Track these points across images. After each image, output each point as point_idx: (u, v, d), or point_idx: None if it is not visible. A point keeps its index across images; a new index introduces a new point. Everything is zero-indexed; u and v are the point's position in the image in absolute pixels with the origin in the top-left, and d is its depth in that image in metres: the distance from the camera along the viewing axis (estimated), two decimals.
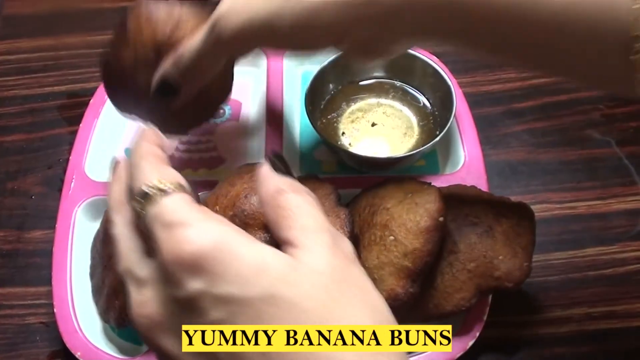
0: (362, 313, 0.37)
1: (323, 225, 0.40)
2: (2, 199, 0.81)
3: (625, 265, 0.73)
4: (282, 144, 0.79)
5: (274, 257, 0.37)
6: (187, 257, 0.36)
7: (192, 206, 0.39)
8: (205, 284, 0.36)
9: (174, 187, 0.39)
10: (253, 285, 0.35)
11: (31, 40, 0.96)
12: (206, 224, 0.37)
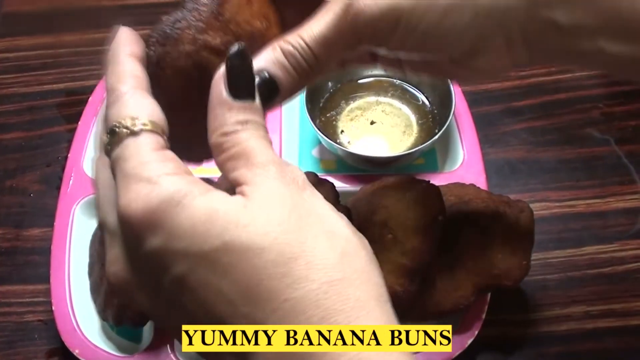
0: (322, 241, 0.36)
1: (268, 158, 0.38)
2: (1, 196, 0.81)
3: (624, 263, 0.73)
4: (281, 142, 0.79)
5: (224, 203, 0.36)
6: (138, 216, 0.35)
7: (154, 154, 0.37)
8: (162, 240, 0.35)
9: (146, 126, 0.37)
10: (206, 237, 0.35)
11: (30, 38, 0.96)
12: (162, 177, 0.36)
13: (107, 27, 0.90)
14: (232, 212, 0.35)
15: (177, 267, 0.35)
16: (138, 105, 0.38)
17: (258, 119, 0.39)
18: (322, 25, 0.42)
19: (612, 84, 0.87)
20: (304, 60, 0.43)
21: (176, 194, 0.35)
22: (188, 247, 0.35)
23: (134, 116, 0.37)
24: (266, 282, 0.34)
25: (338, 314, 0.34)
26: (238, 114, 0.39)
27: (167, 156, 0.37)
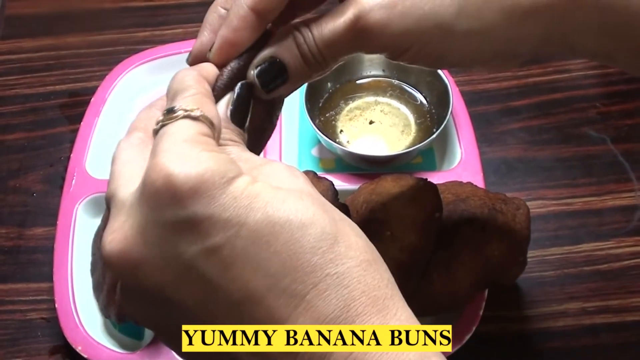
0: (348, 225, 0.37)
1: (263, 160, 0.40)
2: (4, 196, 0.82)
3: (620, 260, 0.73)
4: (280, 141, 0.80)
5: (263, 184, 0.36)
6: (183, 179, 0.34)
7: (206, 138, 0.37)
8: (204, 207, 0.34)
9: (203, 117, 0.38)
10: (249, 210, 0.34)
11: (33, 40, 0.96)
12: (213, 153, 0.36)
13: (109, 29, 0.91)
14: (269, 191, 0.35)
15: (214, 238, 0.34)
16: (202, 102, 0.39)
17: (243, 143, 0.42)
18: (331, 29, 0.42)
19: (609, 84, 0.88)
20: (312, 56, 0.43)
21: (219, 168, 0.35)
22: (231, 217, 0.34)
23: (197, 107, 0.38)
24: (309, 255, 0.34)
25: (377, 290, 0.35)
26: (232, 133, 0.41)
27: (213, 142, 0.38)
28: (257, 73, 0.43)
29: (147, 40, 0.95)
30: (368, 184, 0.68)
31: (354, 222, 0.61)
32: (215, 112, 0.40)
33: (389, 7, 0.42)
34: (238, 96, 0.42)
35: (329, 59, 0.44)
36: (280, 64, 0.43)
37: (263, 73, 0.43)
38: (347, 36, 0.42)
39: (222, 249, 0.34)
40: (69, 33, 0.97)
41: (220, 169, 0.35)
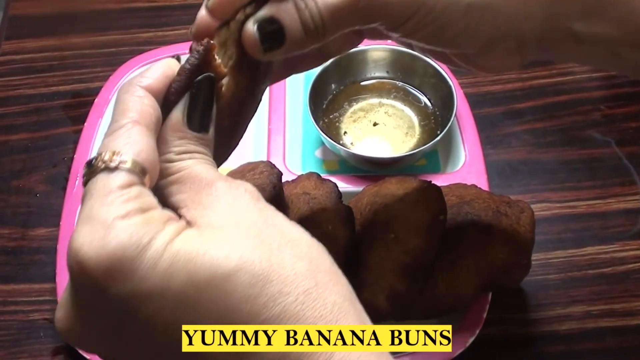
0: (287, 251, 0.35)
1: (214, 177, 0.38)
2: (7, 196, 0.82)
3: (625, 264, 0.73)
4: (284, 143, 0.80)
5: (180, 238, 0.34)
6: (91, 262, 0.33)
7: (120, 192, 0.35)
8: (121, 286, 0.33)
9: (125, 163, 0.36)
10: (170, 276, 0.33)
11: (36, 40, 0.96)
12: (117, 222, 0.34)
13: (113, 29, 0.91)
14: (190, 244, 0.34)
15: (144, 311, 0.34)
16: (128, 141, 0.37)
17: (207, 151, 0.40)
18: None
19: (613, 86, 0.88)
20: (313, 23, 0.42)
21: (131, 239, 0.34)
22: (153, 288, 0.33)
23: (116, 151, 0.36)
24: (242, 306, 0.33)
25: (319, 321, 0.34)
26: (189, 143, 0.39)
27: (133, 194, 0.35)
28: (258, 27, 0.42)
29: (151, 41, 0.95)
30: (372, 186, 0.68)
31: (357, 223, 0.62)
32: (149, 146, 0.37)
33: None
34: (194, 97, 0.40)
35: (330, 29, 0.43)
36: (278, 26, 0.42)
37: (261, 30, 0.42)
38: (353, 3, 0.42)
39: (153, 319, 0.34)
40: (73, 34, 0.97)
41: (133, 239, 0.34)
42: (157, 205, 0.36)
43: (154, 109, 0.39)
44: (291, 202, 0.64)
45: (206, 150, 0.40)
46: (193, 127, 0.39)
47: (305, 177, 0.68)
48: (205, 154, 0.40)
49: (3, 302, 0.73)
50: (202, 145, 0.40)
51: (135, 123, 0.37)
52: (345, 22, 0.43)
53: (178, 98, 0.40)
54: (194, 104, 0.40)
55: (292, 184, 0.67)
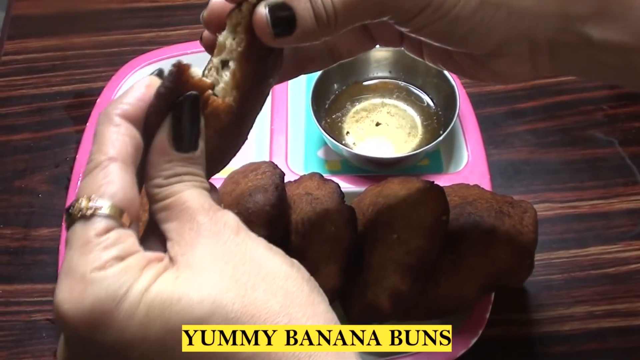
0: (262, 288, 0.36)
1: (199, 207, 0.38)
2: (10, 196, 0.82)
3: (628, 264, 0.73)
4: (286, 143, 0.80)
5: (157, 285, 0.35)
6: (72, 317, 0.35)
7: (97, 240, 0.36)
8: (101, 338, 0.35)
9: (100, 209, 0.36)
10: (147, 326, 0.35)
11: (39, 40, 0.97)
12: (94, 274, 0.35)
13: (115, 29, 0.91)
14: (166, 291, 0.35)
15: (131, 355, 0.35)
16: (104, 182, 0.37)
17: (197, 170, 0.40)
18: None
19: (616, 86, 0.88)
20: (325, 13, 0.42)
21: (108, 292, 0.35)
22: (132, 337, 0.35)
23: (92, 196, 0.36)
24: None
25: (292, 358, 0.35)
26: (177, 166, 0.39)
27: (110, 240, 0.36)
28: (270, 10, 0.41)
29: (153, 41, 0.95)
30: (374, 186, 0.68)
31: (359, 224, 0.62)
32: (125, 184, 0.37)
33: None
34: (176, 119, 0.39)
35: (342, 21, 0.42)
36: (290, 13, 0.42)
37: (272, 14, 0.41)
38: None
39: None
40: (75, 33, 0.97)
41: (110, 291, 0.35)
42: (136, 248, 0.37)
43: (131, 137, 0.38)
44: (293, 202, 0.64)
45: (195, 169, 0.40)
46: (180, 149, 0.39)
47: (308, 177, 0.68)
48: (195, 173, 0.40)
49: (5, 302, 0.74)
50: (191, 165, 0.40)
51: (111, 160, 0.37)
52: (357, 15, 0.43)
53: (160, 120, 0.39)
54: (177, 125, 0.39)
55: (295, 184, 0.67)
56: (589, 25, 0.43)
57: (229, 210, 0.39)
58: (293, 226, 0.63)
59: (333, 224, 0.61)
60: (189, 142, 0.39)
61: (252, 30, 0.42)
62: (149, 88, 0.39)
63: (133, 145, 0.38)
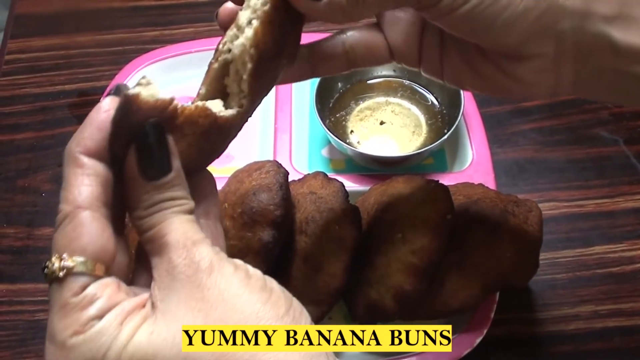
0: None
1: (175, 243, 0.38)
2: (13, 196, 0.82)
3: (633, 263, 0.73)
4: (291, 142, 0.80)
5: (134, 343, 0.36)
6: None
7: (73, 301, 0.36)
8: None
9: (73, 268, 0.36)
10: None
11: (42, 39, 0.97)
12: (72, 340, 0.35)
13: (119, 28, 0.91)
14: (143, 347, 0.36)
15: None
16: (73, 235, 0.37)
17: (175, 193, 0.39)
18: None
19: None
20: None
21: (87, 356, 0.35)
22: None
23: (64, 255, 0.37)
24: None
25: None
26: (154, 195, 0.38)
27: (87, 299, 0.36)
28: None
29: (157, 39, 0.95)
30: (379, 185, 0.68)
31: (363, 223, 0.62)
32: (95, 233, 0.37)
33: None
34: (141, 150, 0.38)
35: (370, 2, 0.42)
36: None
37: None
38: None
39: None
40: (78, 32, 0.97)
41: (89, 355, 0.35)
42: (114, 300, 0.37)
43: (97, 175, 0.38)
44: (297, 201, 0.64)
45: (173, 192, 0.39)
46: (152, 179, 0.38)
47: (312, 176, 0.67)
48: (173, 197, 0.39)
49: (9, 301, 0.74)
50: (168, 190, 0.39)
51: (78, 209, 0.37)
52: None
53: (125, 149, 0.38)
54: (143, 157, 0.38)
55: (299, 183, 0.67)
56: (613, 26, 0.42)
57: (206, 242, 0.38)
58: (297, 225, 0.63)
59: (337, 223, 0.61)
60: (159, 169, 0.38)
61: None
62: (108, 113, 0.38)
63: (100, 183, 0.38)
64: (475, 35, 0.44)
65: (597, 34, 0.43)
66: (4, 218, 0.80)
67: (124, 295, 0.37)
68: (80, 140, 0.38)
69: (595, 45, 0.43)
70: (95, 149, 0.38)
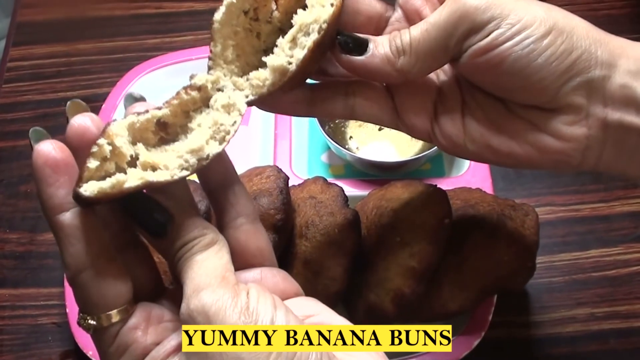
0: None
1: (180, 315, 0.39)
2: (16, 201, 0.82)
3: (629, 266, 0.74)
4: (291, 148, 0.80)
5: None
6: None
7: (113, 352, 0.39)
8: None
9: (104, 319, 0.39)
10: None
11: (44, 46, 0.97)
12: None
13: (120, 35, 0.91)
14: None
15: None
16: (85, 297, 0.40)
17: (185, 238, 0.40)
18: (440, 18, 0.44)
19: None
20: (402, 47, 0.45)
21: None
22: None
23: (86, 315, 0.40)
24: None
25: None
26: (168, 247, 0.40)
27: (121, 349, 0.40)
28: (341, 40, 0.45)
29: (158, 47, 0.96)
30: (378, 190, 0.68)
31: (362, 227, 0.62)
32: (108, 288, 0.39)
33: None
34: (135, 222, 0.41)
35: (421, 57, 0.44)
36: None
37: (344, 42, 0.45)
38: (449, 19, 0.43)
39: None
40: (80, 40, 0.98)
41: None
42: (141, 352, 0.40)
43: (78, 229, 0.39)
44: (298, 206, 0.65)
45: (185, 237, 0.40)
46: (158, 236, 0.40)
47: (312, 181, 0.68)
48: (186, 242, 0.40)
49: (12, 306, 0.74)
50: (179, 238, 0.40)
51: (77, 273, 0.39)
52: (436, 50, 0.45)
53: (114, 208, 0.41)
54: (140, 224, 0.40)
55: (299, 188, 0.68)
56: (637, 81, 0.44)
57: (211, 287, 0.38)
58: (297, 229, 0.63)
59: (337, 227, 0.62)
60: (158, 229, 0.40)
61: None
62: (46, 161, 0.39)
63: (85, 237, 0.39)
64: (516, 77, 0.44)
65: (624, 85, 0.44)
66: (6, 223, 0.81)
67: (152, 336, 0.40)
68: (46, 205, 0.39)
69: (622, 98, 0.44)
70: (60, 203, 0.39)
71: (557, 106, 0.45)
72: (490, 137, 0.47)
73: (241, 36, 0.45)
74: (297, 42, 0.43)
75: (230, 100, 0.43)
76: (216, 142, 0.42)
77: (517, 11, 0.43)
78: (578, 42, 0.43)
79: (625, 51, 0.44)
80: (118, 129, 0.39)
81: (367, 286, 0.63)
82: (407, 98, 0.49)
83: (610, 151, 0.46)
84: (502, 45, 0.43)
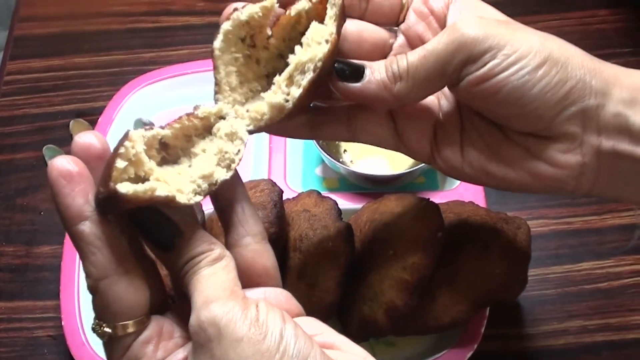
0: None
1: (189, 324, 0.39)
2: (12, 214, 0.83)
3: (620, 279, 0.74)
4: (285, 161, 0.81)
5: None
6: None
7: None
8: None
9: (120, 329, 0.40)
10: None
11: (41, 60, 0.98)
12: None
13: (117, 49, 0.92)
14: None
15: None
16: (103, 306, 0.40)
17: (192, 252, 0.41)
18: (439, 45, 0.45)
19: None
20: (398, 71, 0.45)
21: None
22: None
23: (102, 323, 0.40)
24: None
25: None
26: (175, 261, 0.41)
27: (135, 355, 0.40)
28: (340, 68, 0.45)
29: (154, 60, 0.96)
30: (371, 204, 0.68)
31: (356, 240, 0.63)
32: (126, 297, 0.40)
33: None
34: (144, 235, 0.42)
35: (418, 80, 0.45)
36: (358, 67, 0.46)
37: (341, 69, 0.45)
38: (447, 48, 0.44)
39: None
40: (77, 53, 0.98)
41: None
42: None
43: (98, 238, 0.39)
44: (292, 219, 0.65)
45: (191, 252, 0.41)
46: (165, 250, 0.41)
47: (306, 194, 0.68)
48: (193, 256, 0.41)
49: (7, 319, 0.75)
50: (186, 253, 0.41)
51: (97, 281, 0.39)
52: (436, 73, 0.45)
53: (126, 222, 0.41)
54: (148, 237, 0.41)
55: (293, 201, 0.68)
56: (629, 109, 0.44)
57: (220, 300, 0.39)
58: (291, 242, 0.64)
59: (331, 241, 0.62)
60: (165, 244, 0.41)
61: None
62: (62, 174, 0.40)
63: (105, 244, 0.39)
64: (512, 106, 0.45)
65: (617, 114, 0.44)
66: (3, 236, 0.81)
67: (162, 352, 0.41)
68: (64, 216, 0.40)
69: (616, 126, 0.45)
70: (78, 213, 0.39)
71: (553, 134, 0.45)
72: (487, 164, 0.48)
73: (241, 62, 0.46)
74: (293, 80, 0.44)
75: (233, 129, 0.43)
76: (223, 169, 0.43)
77: (513, 42, 0.43)
78: (573, 72, 0.44)
79: (619, 79, 0.45)
80: (136, 137, 0.39)
81: (361, 299, 0.63)
82: (409, 122, 0.49)
83: (604, 178, 0.46)
84: (498, 76, 0.43)
